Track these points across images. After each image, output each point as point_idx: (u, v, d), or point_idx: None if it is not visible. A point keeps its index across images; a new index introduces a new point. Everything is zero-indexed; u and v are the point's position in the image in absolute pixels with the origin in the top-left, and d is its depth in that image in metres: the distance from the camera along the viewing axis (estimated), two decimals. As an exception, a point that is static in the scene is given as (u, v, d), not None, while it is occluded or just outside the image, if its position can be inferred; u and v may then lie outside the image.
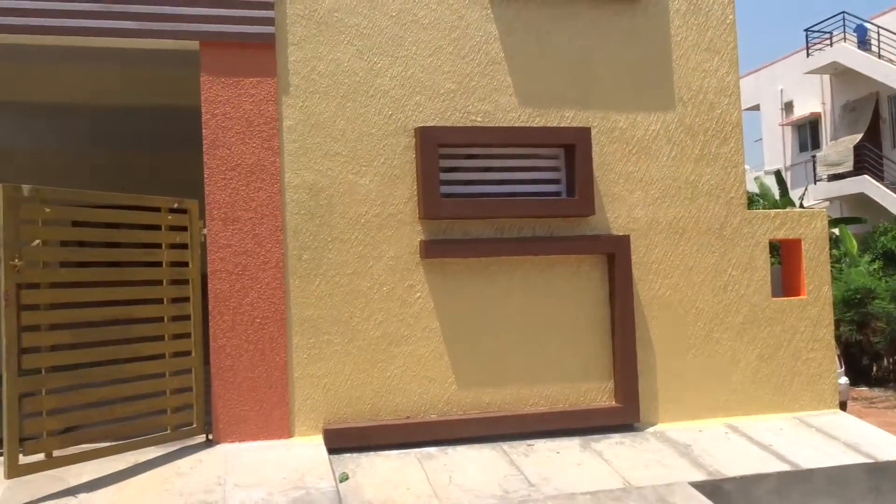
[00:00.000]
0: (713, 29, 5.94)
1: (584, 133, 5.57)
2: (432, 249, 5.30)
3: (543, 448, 5.20)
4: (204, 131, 4.99)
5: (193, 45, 5.02)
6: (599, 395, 5.58)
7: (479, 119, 5.51)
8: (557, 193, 5.72)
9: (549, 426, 5.38)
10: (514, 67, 5.58)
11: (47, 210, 4.26)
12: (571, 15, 5.69)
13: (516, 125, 5.56)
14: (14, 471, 4.04)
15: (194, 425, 4.97)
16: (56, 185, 4.42)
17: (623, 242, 5.60)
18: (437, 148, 5.32)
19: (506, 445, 5.20)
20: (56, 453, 4.31)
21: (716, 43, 5.94)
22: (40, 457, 4.22)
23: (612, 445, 5.22)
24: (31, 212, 4.20)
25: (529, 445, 5.22)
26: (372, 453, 5.01)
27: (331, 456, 4.84)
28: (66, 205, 4.51)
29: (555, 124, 5.65)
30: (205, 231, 4.98)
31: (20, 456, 4.08)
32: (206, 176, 4.97)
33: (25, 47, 5.34)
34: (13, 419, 4.03)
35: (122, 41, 4.93)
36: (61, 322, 4.35)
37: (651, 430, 5.52)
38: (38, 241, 4.20)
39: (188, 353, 4.95)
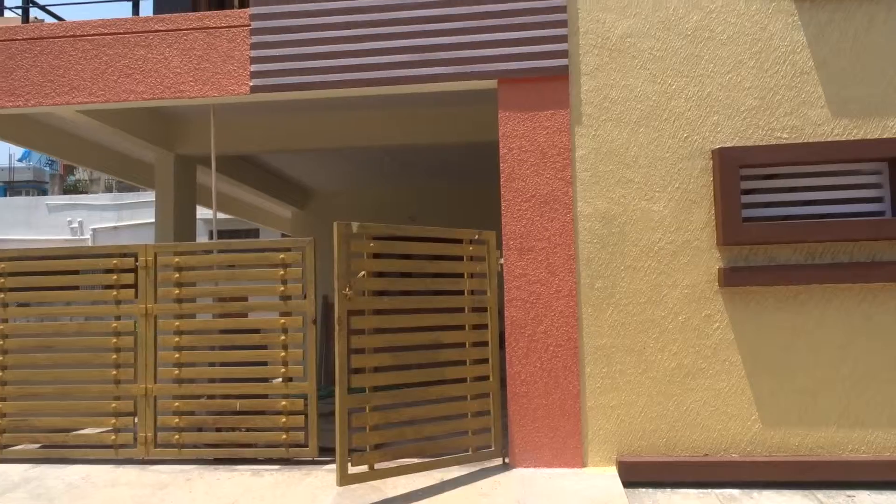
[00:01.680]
0: None
1: (915, 145, 4.89)
2: (733, 277, 4.99)
3: (868, 501, 4.63)
4: (501, 165, 5.21)
5: (491, 83, 5.27)
6: (938, 445, 4.84)
7: (784, 136, 5.09)
8: (880, 213, 5.09)
9: (873, 476, 4.78)
10: (825, 76, 5.08)
11: (371, 244, 4.74)
12: (894, 9, 5.04)
13: (829, 139, 5.05)
14: (345, 479, 4.52)
15: (492, 448, 5.18)
16: (369, 216, 4.91)
17: (968, 270, 4.81)
18: (737, 169, 5.01)
19: (821, 494, 4.72)
20: (376, 466, 4.74)
21: None
22: (364, 468, 4.67)
23: (959, 507, 4.49)
24: (358, 246, 4.70)
25: (850, 497, 4.69)
26: (669, 490, 4.83)
27: (626, 489, 4.75)
28: (384, 238, 4.97)
29: (876, 136, 5.03)
30: (501, 261, 5.19)
31: (349, 466, 4.56)
32: (503, 208, 5.18)
33: (352, 99, 6.02)
34: (344, 432, 4.51)
35: (428, 86, 5.34)
36: (382, 346, 4.79)
37: None
38: (363, 273, 4.68)
39: (487, 378, 5.18)
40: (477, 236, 5.20)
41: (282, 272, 5.26)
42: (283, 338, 5.25)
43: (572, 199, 5.15)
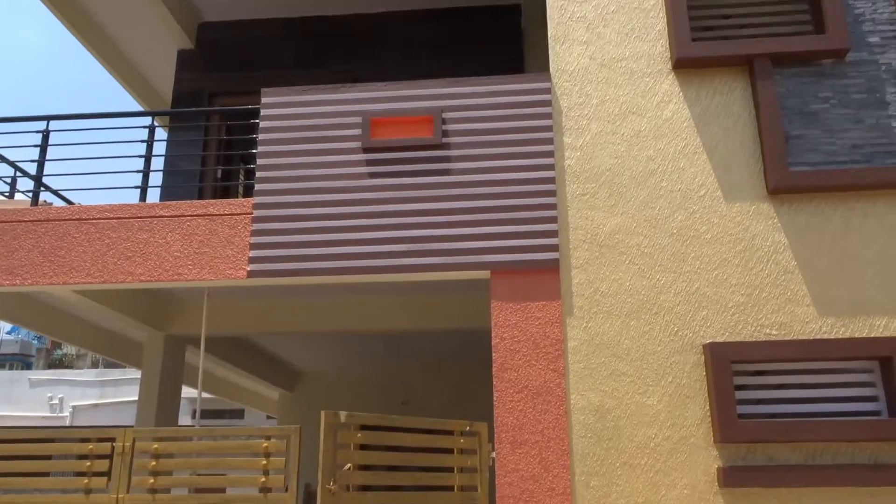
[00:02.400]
0: None
1: (904, 344, 4.93)
2: (732, 478, 4.81)
3: None
4: (494, 355, 5.19)
5: (484, 274, 5.39)
6: None
7: (773, 332, 5.13)
8: (876, 412, 5.02)
9: None
10: (809, 275, 5.22)
11: (359, 435, 4.60)
12: (868, 215, 5.28)
13: (817, 337, 5.09)
14: None
15: None
16: (359, 400, 4.80)
17: (974, 474, 4.67)
18: (730, 365, 5.00)
19: None
20: None
21: None
22: None
23: None
24: (345, 437, 4.55)
25: None
26: None
27: None
28: (372, 428, 4.82)
29: (864, 334, 5.08)
30: (493, 454, 5.02)
31: None
32: (495, 398, 5.09)
33: (347, 284, 6.11)
34: None
35: (423, 275, 5.45)
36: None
37: None
38: (349, 465, 4.50)
39: (476, 583, 4.83)
40: (468, 428, 5.06)
41: (264, 461, 5.04)
42: (259, 533, 4.93)
43: (565, 391, 5.09)
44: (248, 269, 5.53)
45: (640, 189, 5.47)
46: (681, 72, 5.70)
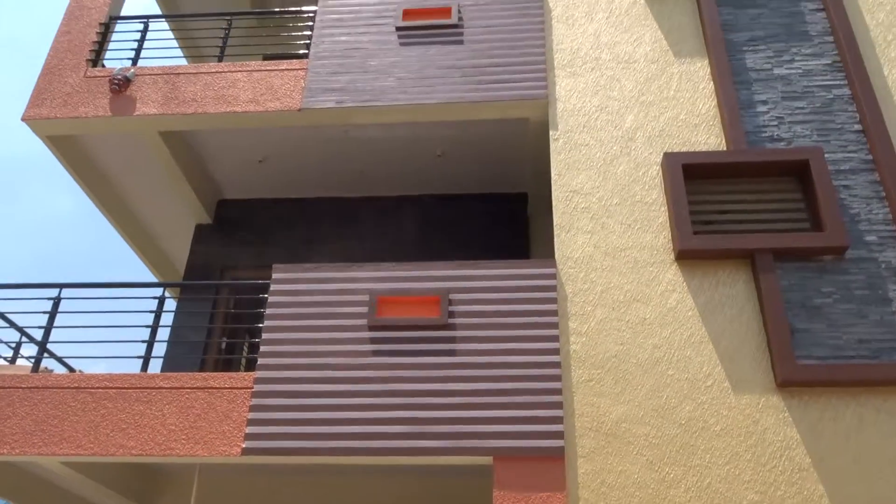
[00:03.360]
0: None
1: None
2: None
3: None
4: (495, 549, 4.89)
5: (487, 460, 5.20)
6: None
7: (792, 535, 4.85)
8: None
9: None
10: (824, 474, 5.01)
11: None
12: (881, 411, 5.16)
13: (839, 543, 4.80)
14: None
15: None
16: None
17: None
18: (747, 571, 4.68)
19: None
20: None
21: None
22: None
23: None
24: None
25: None
26: None
27: None
28: None
29: (888, 541, 4.79)
30: None
31: None
32: None
33: (343, 466, 5.90)
34: None
35: (423, 459, 5.26)
36: None
37: None
38: None
39: None
40: None
41: None
42: None
43: None
44: (244, 445, 5.37)
45: (647, 377, 5.41)
46: (684, 262, 5.83)
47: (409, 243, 8.17)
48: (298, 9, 8.58)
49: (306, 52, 7.57)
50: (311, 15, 7.93)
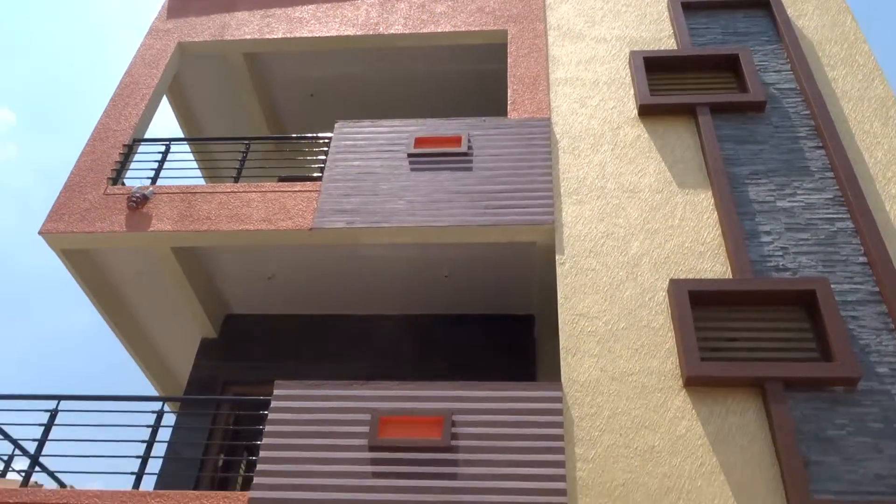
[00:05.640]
0: None
1: None
2: None
3: None
4: None
5: None
6: None
7: None
8: None
9: None
10: None
11: None
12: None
13: None
14: None
15: None
16: None
17: None
18: None
19: None
20: None
21: None
22: None
23: None
24: None
25: None
26: None
27: None
28: None
29: None
30: None
31: None
32: None
33: None
34: None
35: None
36: None
37: None
38: None
39: None
40: None
41: None
42: None
43: None
44: (235, 565, 5.11)
45: (657, 509, 5.19)
46: (692, 389, 5.74)
47: (414, 363, 8.09)
48: (315, 135, 8.95)
49: (320, 175, 7.82)
50: (326, 140, 8.25)
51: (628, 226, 6.86)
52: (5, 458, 6.51)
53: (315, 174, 8.10)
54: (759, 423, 5.55)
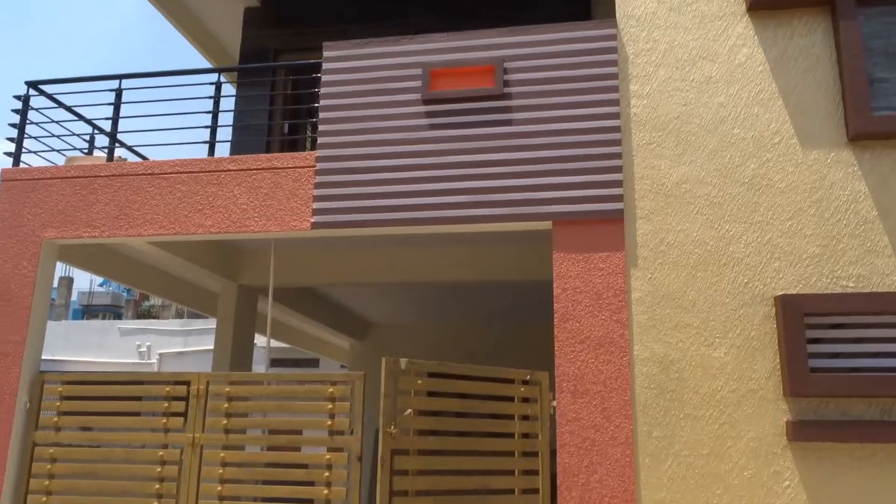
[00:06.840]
0: None
1: None
2: (802, 432, 4.70)
3: None
4: (555, 305, 5.16)
5: (547, 225, 5.34)
6: None
7: (850, 284, 4.92)
8: (960, 369, 4.78)
9: None
10: (891, 226, 4.96)
11: (419, 382, 4.68)
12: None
13: (898, 290, 4.86)
14: None
15: None
16: (427, 351, 4.87)
17: None
18: (802, 317, 4.84)
19: None
20: None
21: None
22: None
23: None
24: (406, 383, 4.64)
25: None
26: None
27: None
28: (433, 376, 4.90)
29: (950, 287, 4.82)
30: (554, 403, 5.03)
31: None
32: (556, 348, 5.08)
33: (411, 236, 6.16)
34: (381, 583, 4.27)
35: (485, 226, 5.43)
36: (425, 489, 4.61)
37: None
38: (409, 410, 4.59)
39: (537, 529, 4.90)
40: (529, 377, 5.08)
41: (330, 406, 5.20)
42: (327, 474, 5.12)
43: (628, 342, 5.03)
44: (312, 220, 5.63)
45: (710, 137, 5.28)
46: (756, 13, 5.43)
47: (461, 14, 7.81)
48: None
49: None
50: None
51: None
52: (87, 138, 6.96)
53: None
54: (825, 43, 5.31)
